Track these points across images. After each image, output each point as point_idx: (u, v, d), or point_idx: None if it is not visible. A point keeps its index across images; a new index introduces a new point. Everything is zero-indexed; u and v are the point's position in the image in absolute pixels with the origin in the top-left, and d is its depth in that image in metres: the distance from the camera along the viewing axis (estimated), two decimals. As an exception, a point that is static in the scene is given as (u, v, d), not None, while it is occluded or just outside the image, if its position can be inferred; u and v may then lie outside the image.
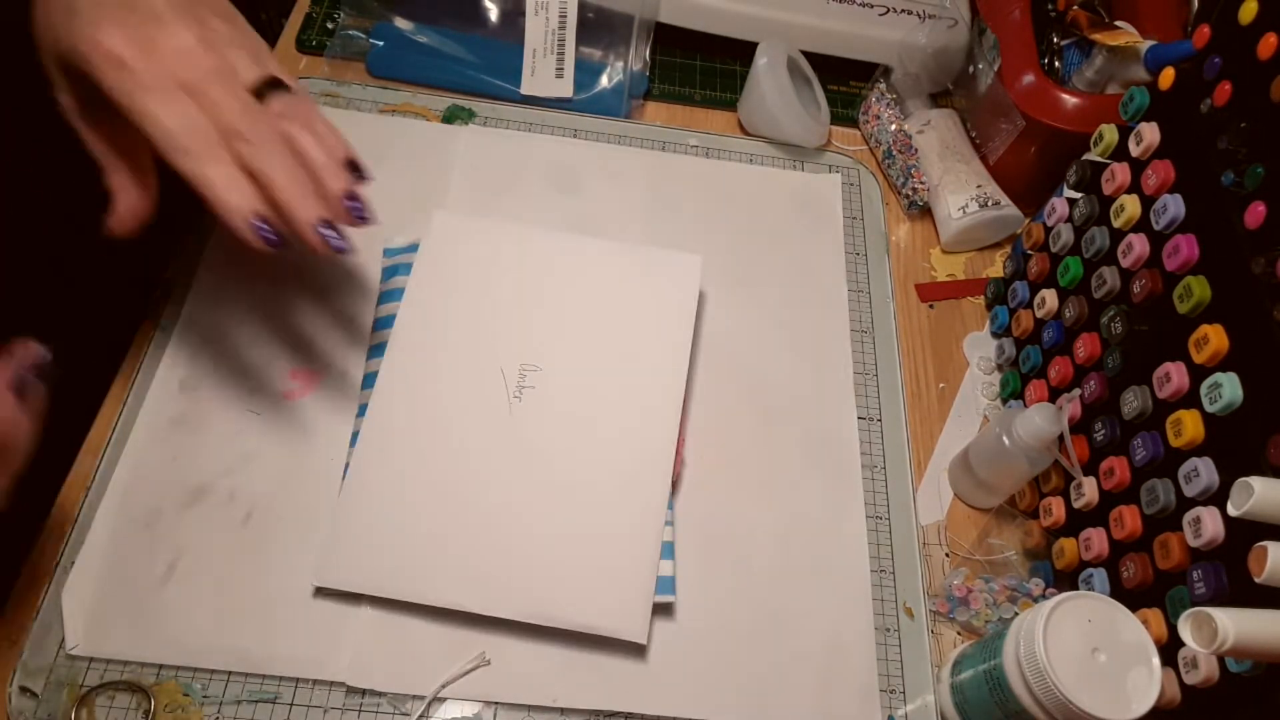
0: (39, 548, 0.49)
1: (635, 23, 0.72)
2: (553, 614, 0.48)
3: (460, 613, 0.49)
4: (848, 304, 0.66)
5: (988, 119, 0.70)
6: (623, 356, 0.56)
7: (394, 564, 0.49)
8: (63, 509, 0.50)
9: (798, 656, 0.51)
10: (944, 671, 0.52)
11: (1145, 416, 0.48)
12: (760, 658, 0.51)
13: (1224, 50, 0.47)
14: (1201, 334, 0.45)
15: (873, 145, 0.75)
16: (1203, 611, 0.36)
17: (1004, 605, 0.54)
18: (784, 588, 0.54)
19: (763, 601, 0.53)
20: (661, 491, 0.52)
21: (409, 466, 0.51)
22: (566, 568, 0.50)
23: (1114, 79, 0.67)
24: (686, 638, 0.51)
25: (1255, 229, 0.43)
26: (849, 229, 0.70)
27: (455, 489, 0.51)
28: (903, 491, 0.58)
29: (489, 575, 0.49)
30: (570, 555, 0.50)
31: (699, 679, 0.50)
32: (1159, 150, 0.51)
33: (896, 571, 0.55)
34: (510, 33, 0.71)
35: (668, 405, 0.55)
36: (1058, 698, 0.42)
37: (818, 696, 0.50)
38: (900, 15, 0.75)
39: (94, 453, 0.52)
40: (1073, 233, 0.58)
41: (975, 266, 0.71)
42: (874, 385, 0.63)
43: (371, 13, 0.72)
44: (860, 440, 0.60)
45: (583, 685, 0.49)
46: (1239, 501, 0.38)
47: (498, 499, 0.51)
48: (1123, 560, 0.48)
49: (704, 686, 0.50)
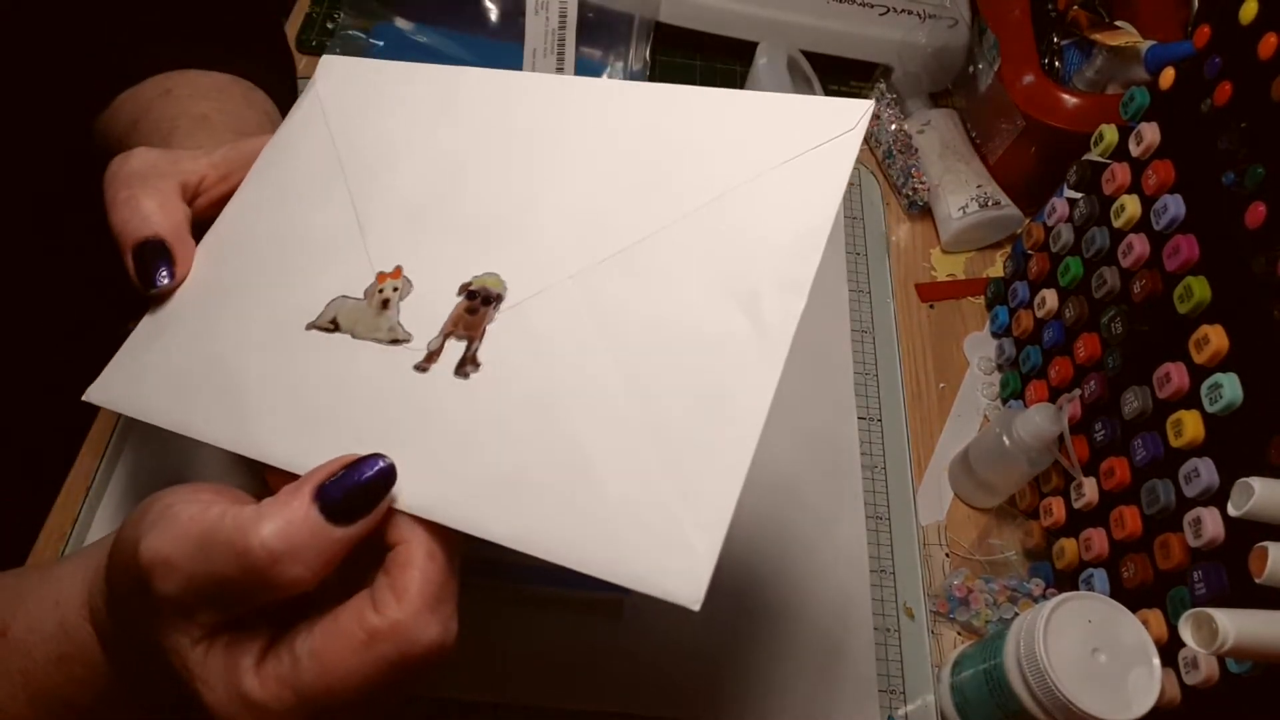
0: (39, 548, 0.49)
1: (635, 22, 0.72)
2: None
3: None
4: (848, 304, 0.66)
5: (988, 119, 0.70)
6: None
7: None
8: (63, 509, 0.50)
9: (797, 656, 0.51)
10: (944, 671, 0.52)
11: (1145, 416, 0.48)
12: (760, 657, 0.51)
13: (1224, 50, 0.47)
14: (1202, 334, 0.45)
15: (873, 145, 0.75)
16: (1203, 612, 0.36)
17: (1004, 605, 0.54)
18: (784, 587, 0.54)
19: (762, 601, 0.53)
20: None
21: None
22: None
23: (1114, 79, 0.67)
24: (685, 637, 0.51)
25: (1255, 229, 0.43)
26: (849, 229, 0.70)
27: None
28: (903, 491, 0.58)
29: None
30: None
31: (698, 678, 0.50)
32: (1159, 150, 0.51)
33: (896, 571, 0.55)
34: (510, 33, 0.71)
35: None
36: (1058, 698, 0.42)
37: (817, 697, 0.50)
38: (900, 15, 0.75)
39: (94, 453, 0.52)
40: (1073, 233, 0.58)
41: (975, 266, 0.71)
42: (874, 385, 0.63)
43: (372, 13, 0.72)
44: (860, 440, 0.60)
45: (579, 685, 0.49)
46: (1239, 502, 0.38)
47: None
48: (1123, 560, 0.48)
49: (703, 686, 0.50)
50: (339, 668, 0.27)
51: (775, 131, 0.35)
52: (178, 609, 0.28)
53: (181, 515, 0.28)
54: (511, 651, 0.49)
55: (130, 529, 0.29)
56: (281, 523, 0.27)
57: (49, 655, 0.33)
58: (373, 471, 0.29)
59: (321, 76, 0.44)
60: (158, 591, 0.28)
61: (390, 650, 0.27)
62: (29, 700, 0.33)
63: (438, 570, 0.28)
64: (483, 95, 0.40)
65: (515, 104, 0.40)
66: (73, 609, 0.33)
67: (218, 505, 0.28)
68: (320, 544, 0.27)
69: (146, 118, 0.45)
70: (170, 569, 0.27)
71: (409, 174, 0.39)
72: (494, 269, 0.35)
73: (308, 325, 0.36)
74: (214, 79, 0.48)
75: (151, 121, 0.45)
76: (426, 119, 0.41)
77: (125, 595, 0.30)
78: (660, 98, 0.38)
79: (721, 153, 0.35)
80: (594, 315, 0.33)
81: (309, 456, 0.32)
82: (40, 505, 0.50)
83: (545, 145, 0.38)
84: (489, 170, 0.38)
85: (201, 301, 0.39)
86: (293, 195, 0.41)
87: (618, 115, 0.38)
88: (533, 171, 0.37)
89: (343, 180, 0.40)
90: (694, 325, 0.33)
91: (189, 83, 0.47)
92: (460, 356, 0.33)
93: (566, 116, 0.38)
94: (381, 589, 0.28)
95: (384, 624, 0.27)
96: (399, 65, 0.43)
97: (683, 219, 0.35)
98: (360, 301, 0.36)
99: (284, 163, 0.42)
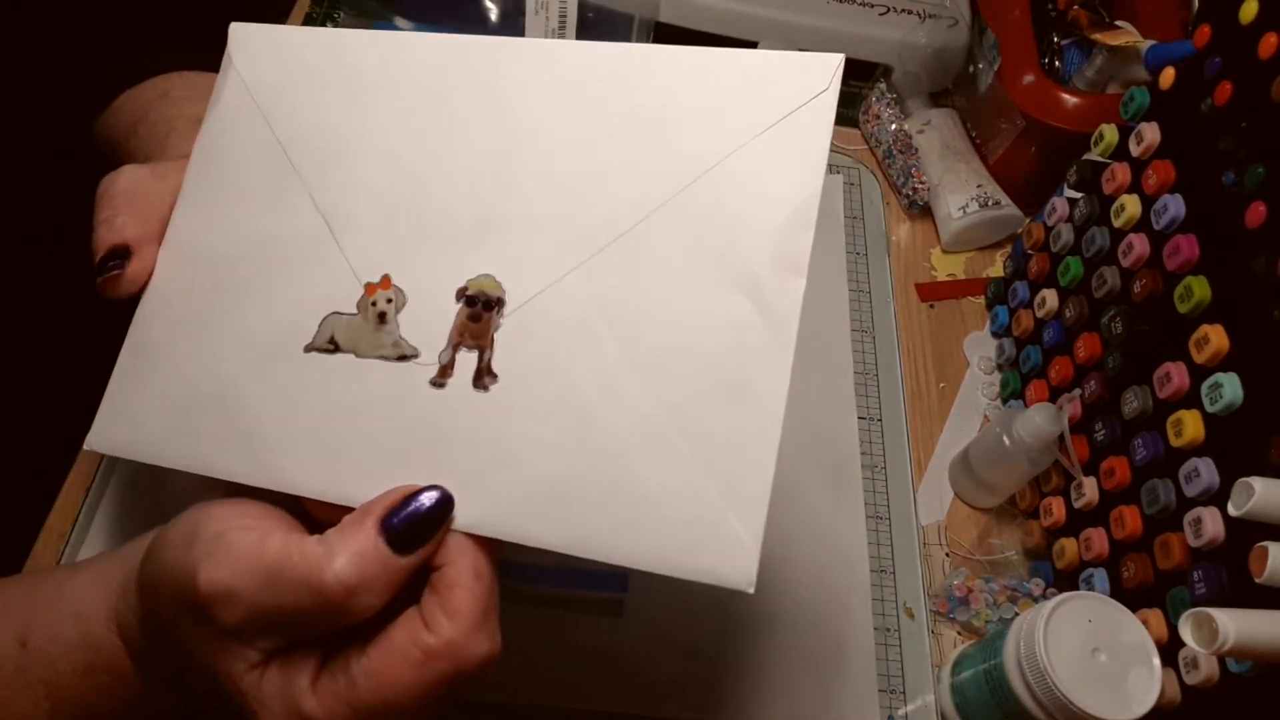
0: (39, 548, 0.49)
1: (635, 22, 0.72)
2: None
3: None
4: (848, 304, 0.66)
5: (988, 119, 0.70)
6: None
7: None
8: (63, 509, 0.50)
9: (797, 656, 0.51)
10: (944, 671, 0.52)
11: (1146, 416, 0.48)
12: (760, 657, 0.51)
13: (1224, 50, 0.47)
14: (1202, 334, 0.45)
15: (873, 145, 0.75)
16: (1203, 612, 0.36)
17: (1004, 605, 0.54)
18: (784, 587, 0.53)
19: (762, 601, 0.53)
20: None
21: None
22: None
23: (1114, 79, 0.67)
24: (685, 637, 0.51)
25: (1255, 229, 0.43)
26: (849, 229, 0.70)
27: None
28: (903, 491, 0.58)
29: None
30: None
31: (698, 678, 0.50)
32: (1159, 150, 0.51)
33: (896, 571, 0.55)
34: (510, 33, 0.71)
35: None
36: (1058, 698, 0.42)
37: (818, 696, 0.50)
38: (900, 15, 0.75)
39: (93, 454, 0.52)
40: (1073, 232, 0.58)
41: (975, 266, 0.71)
42: (874, 385, 0.63)
43: (371, 13, 0.72)
44: (860, 440, 0.60)
45: (579, 685, 0.49)
46: (1240, 502, 0.38)
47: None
48: (1123, 560, 0.48)
49: (703, 686, 0.50)
50: (396, 685, 0.28)
51: (749, 94, 0.34)
52: (237, 637, 0.29)
53: (239, 545, 0.29)
54: (511, 651, 0.49)
55: (178, 554, 0.29)
56: (354, 555, 0.28)
57: (74, 666, 0.34)
58: (432, 502, 0.30)
59: (236, 51, 0.39)
60: (219, 621, 0.28)
61: (446, 667, 0.28)
62: (52, 710, 0.34)
63: (484, 588, 0.30)
64: (427, 64, 0.37)
65: (468, 73, 0.36)
66: (98, 622, 0.34)
67: (277, 535, 0.29)
68: (389, 573, 0.29)
69: (145, 121, 0.45)
70: (234, 599, 0.28)
71: (364, 162, 0.36)
72: (486, 269, 0.34)
73: (306, 347, 0.35)
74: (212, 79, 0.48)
75: (150, 125, 0.45)
76: (367, 96, 0.37)
77: (172, 618, 0.30)
78: (623, 59, 0.35)
79: (698, 120, 0.34)
80: (600, 312, 0.33)
81: (342, 486, 0.32)
82: (40, 506, 0.50)
83: (510, 119, 0.35)
84: (454, 154, 0.36)
85: (176, 327, 0.36)
86: (242, 196, 0.37)
87: (582, 81, 0.35)
88: (502, 152, 0.35)
89: (294, 175, 0.37)
90: (701, 315, 0.32)
91: (187, 84, 0.47)
92: (475, 369, 0.33)
93: (528, 85, 0.36)
94: (432, 608, 0.29)
95: (439, 642, 0.28)
96: (321, 32, 0.40)
97: (671, 201, 0.34)
98: (354, 317, 0.35)
99: (222, 159, 0.38)
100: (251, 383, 0.35)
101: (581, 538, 0.31)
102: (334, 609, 0.28)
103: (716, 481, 0.32)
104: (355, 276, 0.35)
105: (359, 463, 0.33)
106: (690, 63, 0.35)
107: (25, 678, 0.33)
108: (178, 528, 0.31)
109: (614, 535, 0.31)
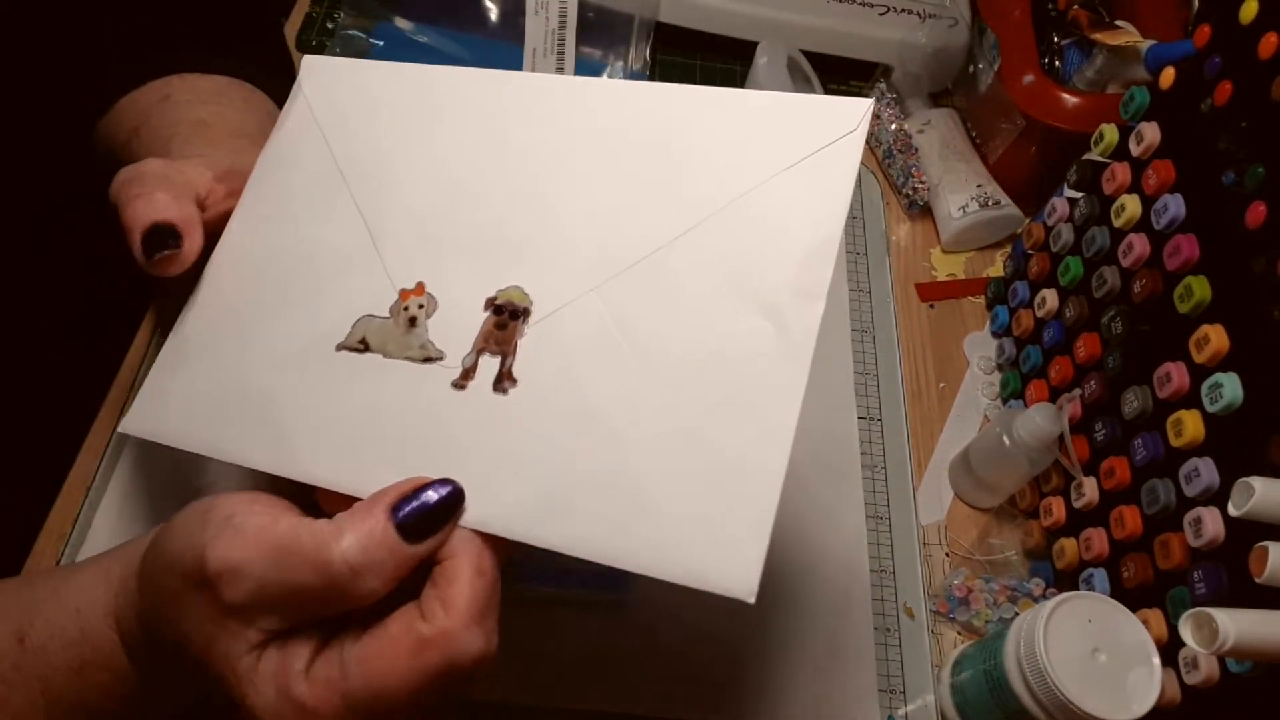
0: (39, 548, 0.49)
1: (635, 22, 0.72)
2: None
3: None
4: (848, 304, 0.66)
5: (988, 119, 0.70)
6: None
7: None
8: (63, 509, 0.50)
9: (797, 656, 0.51)
10: (944, 671, 0.52)
11: (1146, 416, 0.48)
12: (760, 657, 0.51)
13: (1224, 50, 0.47)
14: (1202, 334, 0.45)
15: (873, 145, 0.75)
16: (1203, 612, 0.36)
17: (1004, 605, 0.54)
18: (784, 587, 0.53)
19: (762, 601, 0.53)
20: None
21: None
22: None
23: (1114, 79, 0.67)
24: (685, 637, 0.51)
25: (1255, 229, 0.43)
26: (849, 229, 0.70)
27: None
28: (903, 491, 0.58)
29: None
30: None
31: (698, 678, 0.50)
32: (1159, 150, 0.51)
33: (896, 571, 0.55)
34: (510, 33, 0.71)
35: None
36: (1058, 698, 0.42)
37: (817, 696, 0.50)
38: (900, 15, 0.75)
39: (94, 453, 0.52)
40: (1073, 232, 0.58)
41: (975, 266, 0.71)
42: (874, 385, 0.63)
43: (372, 13, 0.72)
44: (860, 440, 0.60)
45: (579, 685, 0.49)
46: (1240, 502, 0.38)
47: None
48: (1123, 560, 0.48)
49: (703, 686, 0.50)
50: (387, 674, 0.28)
51: (778, 132, 0.36)
52: (240, 616, 0.29)
53: (248, 525, 0.29)
54: (511, 651, 0.49)
55: (187, 536, 0.30)
56: (362, 536, 0.28)
57: (70, 662, 0.34)
58: (444, 494, 0.30)
59: (306, 79, 0.43)
60: (224, 598, 0.28)
61: (437, 658, 0.28)
62: (47, 707, 0.34)
63: (485, 585, 0.30)
64: (476, 97, 0.40)
65: (511, 106, 0.39)
66: (96, 616, 0.34)
67: (286, 517, 0.29)
68: (396, 560, 0.29)
69: (146, 125, 0.45)
70: (240, 577, 0.28)
71: (413, 182, 0.39)
72: (516, 281, 0.36)
73: (337, 346, 0.36)
74: (214, 82, 0.48)
75: (151, 129, 0.45)
76: (420, 123, 0.40)
77: (171, 599, 0.30)
78: (657, 97, 0.38)
79: (727, 156, 0.36)
80: (620, 328, 0.34)
81: (359, 478, 0.33)
82: (40, 505, 0.50)
83: (548, 149, 0.38)
84: (494, 176, 0.38)
85: (219, 324, 0.39)
86: (297, 208, 0.40)
87: (619, 116, 0.38)
88: (539, 176, 0.37)
89: (346, 191, 0.40)
90: (719, 333, 0.34)
91: (188, 87, 0.47)
92: (496, 373, 0.34)
93: (566, 119, 0.38)
94: (430, 600, 0.29)
95: (432, 632, 0.28)
96: (383, 65, 0.43)
97: (696, 228, 0.35)
98: (387, 320, 0.36)
99: (282, 174, 0.41)
100: (285, 379, 0.36)
101: (588, 541, 0.32)
102: (338, 589, 0.28)
103: (724, 493, 0.32)
104: (391, 283, 0.37)
105: (377, 457, 0.34)
106: (727, 103, 0.37)
107: (22, 675, 0.33)
108: (187, 514, 0.31)
109: (619, 540, 0.32)
